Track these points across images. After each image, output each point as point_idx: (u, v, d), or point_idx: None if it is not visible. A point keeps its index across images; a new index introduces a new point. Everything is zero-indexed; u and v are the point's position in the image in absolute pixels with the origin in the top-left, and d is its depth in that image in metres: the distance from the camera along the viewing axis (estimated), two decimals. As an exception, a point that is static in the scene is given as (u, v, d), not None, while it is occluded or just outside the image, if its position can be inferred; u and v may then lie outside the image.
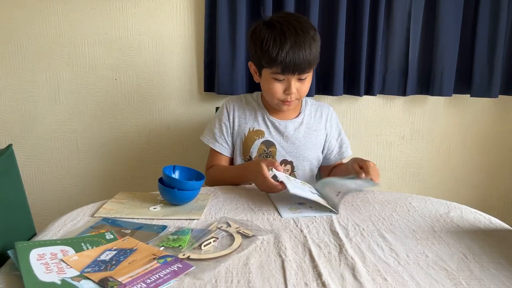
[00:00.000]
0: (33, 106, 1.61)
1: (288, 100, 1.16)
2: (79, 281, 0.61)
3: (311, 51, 1.09)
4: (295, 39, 1.08)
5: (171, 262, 0.68)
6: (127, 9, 1.55)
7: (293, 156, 1.24)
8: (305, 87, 1.17)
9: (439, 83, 1.57)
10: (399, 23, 1.55)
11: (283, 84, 1.14)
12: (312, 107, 1.30)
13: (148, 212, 0.91)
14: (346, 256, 0.72)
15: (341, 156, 1.30)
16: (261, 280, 0.64)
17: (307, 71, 1.12)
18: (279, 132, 1.24)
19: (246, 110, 1.27)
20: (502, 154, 1.74)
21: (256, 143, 1.24)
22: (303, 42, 1.08)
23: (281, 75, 1.12)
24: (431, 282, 0.64)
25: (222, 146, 1.26)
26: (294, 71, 1.10)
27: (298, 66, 1.09)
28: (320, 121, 1.28)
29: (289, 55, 1.07)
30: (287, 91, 1.14)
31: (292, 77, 1.12)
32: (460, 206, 0.98)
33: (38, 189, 1.68)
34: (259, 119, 1.26)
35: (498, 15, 1.52)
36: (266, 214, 0.91)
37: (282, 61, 1.08)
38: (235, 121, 1.26)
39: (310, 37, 1.10)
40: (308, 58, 1.09)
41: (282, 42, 1.08)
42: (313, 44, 1.10)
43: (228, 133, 1.26)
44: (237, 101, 1.29)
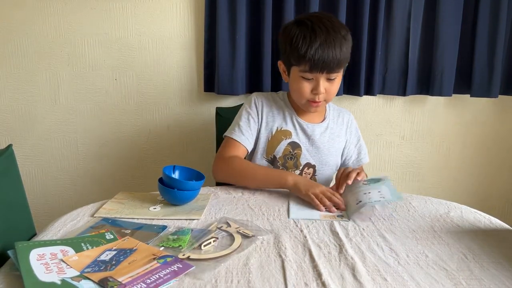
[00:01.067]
0: (33, 106, 1.61)
1: (316, 100, 1.12)
2: (79, 281, 0.61)
3: (341, 50, 1.07)
4: (325, 37, 1.06)
5: (171, 262, 0.68)
6: (127, 9, 1.55)
7: (316, 161, 1.22)
8: (334, 88, 1.13)
9: (439, 83, 1.57)
10: (399, 23, 1.55)
11: (311, 84, 1.11)
12: (334, 112, 1.28)
13: (148, 212, 0.91)
14: (346, 256, 0.72)
15: (358, 163, 1.28)
16: (261, 280, 0.64)
17: (336, 70, 1.09)
18: (306, 134, 1.21)
19: (274, 108, 1.23)
20: (502, 154, 1.74)
21: (283, 143, 1.20)
22: (333, 40, 1.06)
23: (310, 74, 1.09)
24: (431, 282, 0.64)
25: (247, 140, 1.18)
26: (323, 69, 1.08)
27: (327, 64, 1.06)
28: (342, 127, 1.26)
29: (318, 52, 1.05)
30: (315, 91, 1.11)
31: (321, 76, 1.09)
32: (460, 206, 0.98)
33: (38, 189, 1.68)
34: (287, 119, 1.22)
35: (498, 15, 1.51)
36: (266, 214, 0.91)
37: (311, 58, 1.06)
38: (263, 118, 1.21)
39: (341, 36, 1.08)
40: (338, 57, 1.07)
41: (311, 39, 1.06)
42: (343, 43, 1.08)
43: (255, 128, 1.21)
44: (265, 98, 1.25)
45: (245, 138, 1.18)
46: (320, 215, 0.92)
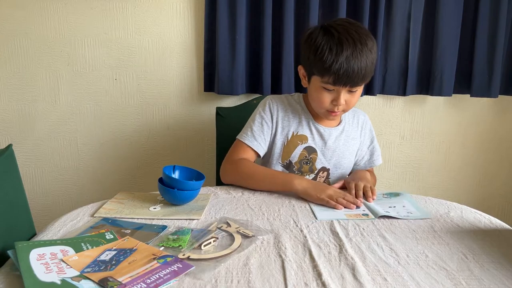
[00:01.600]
0: (33, 106, 1.61)
1: (334, 111, 1.10)
2: (79, 281, 0.61)
3: (366, 65, 1.04)
4: (352, 50, 1.02)
5: (171, 262, 0.68)
6: (127, 9, 1.55)
7: (331, 164, 1.21)
8: (355, 99, 1.11)
9: (439, 83, 1.57)
10: (399, 23, 1.55)
11: (332, 94, 1.08)
12: (350, 114, 1.25)
13: (148, 212, 0.91)
14: (346, 256, 0.72)
15: (371, 164, 1.27)
16: (261, 280, 0.64)
17: (360, 84, 1.07)
18: (322, 139, 1.19)
19: (290, 112, 1.20)
20: (501, 154, 1.74)
21: (299, 148, 1.18)
22: (360, 55, 1.02)
23: (332, 86, 1.06)
24: (431, 282, 0.64)
25: (260, 146, 1.17)
26: (346, 84, 1.04)
27: (351, 79, 1.03)
28: (357, 128, 1.25)
29: (343, 67, 1.01)
30: (335, 102, 1.08)
31: (343, 89, 1.06)
32: (460, 206, 0.98)
33: (38, 189, 1.68)
34: (304, 124, 1.19)
35: (498, 15, 1.51)
36: (266, 214, 0.91)
37: (336, 72, 1.02)
38: (279, 123, 1.19)
39: (368, 49, 1.04)
40: (363, 72, 1.03)
41: (338, 52, 1.02)
42: (369, 56, 1.04)
43: (268, 133, 1.19)
44: (280, 102, 1.22)
45: (258, 143, 1.16)
46: (346, 214, 0.91)
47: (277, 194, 1.05)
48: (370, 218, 0.89)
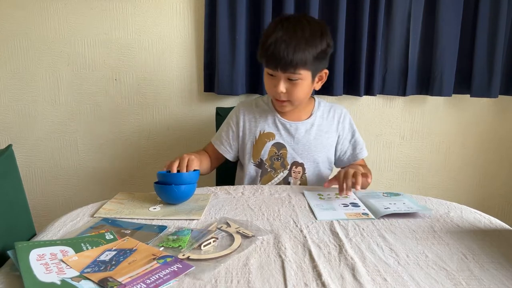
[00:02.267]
0: (33, 106, 1.61)
1: (277, 98, 1.15)
2: (79, 281, 0.61)
3: (295, 51, 1.06)
4: (284, 33, 1.07)
5: (171, 263, 0.68)
6: (126, 9, 1.55)
7: (304, 158, 1.23)
8: (297, 90, 1.13)
9: (439, 83, 1.57)
10: (399, 24, 1.55)
11: (274, 80, 1.13)
12: (325, 109, 1.28)
13: (148, 212, 0.91)
14: (346, 256, 0.72)
15: (355, 158, 1.27)
16: (261, 280, 0.64)
17: (291, 70, 1.08)
18: (289, 133, 1.23)
19: (257, 113, 1.26)
20: (502, 154, 1.74)
21: (267, 146, 1.22)
22: (290, 39, 1.06)
23: (270, 70, 1.12)
24: (431, 282, 0.64)
25: (226, 150, 1.27)
26: (276, 66, 1.08)
27: (278, 61, 1.07)
28: (332, 122, 1.26)
29: (271, 48, 1.07)
30: (276, 88, 1.12)
31: (281, 74, 1.10)
32: (460, 206, 0.98)
33: (38, 189, 1.68)
34: (270, 121, 1.24)
35: (498, 15, 1.51)
36: (266, 214, 0.91)
37: (266, 51, 1.09)
38: (246, 125, 1.26)
39: (304, 38, 1.07)
40: (290, 56, 1.05)
41: (269, 34, 1.09)
42: (302, 45, 1.06)
43: (233, 137, 1.27)
44: (248, 105, 1.29)
45: (224, 148, 1.27)
46: (346, 214, 0.92)
47: (277, 194, 1.05)
48: (370, 217, 0.89)
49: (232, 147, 1.27)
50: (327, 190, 1.08)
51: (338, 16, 1.48)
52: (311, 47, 1.08)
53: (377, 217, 0.90)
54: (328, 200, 1.00)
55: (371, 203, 0.98)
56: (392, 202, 0.97)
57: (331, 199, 1.01)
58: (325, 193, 1.05)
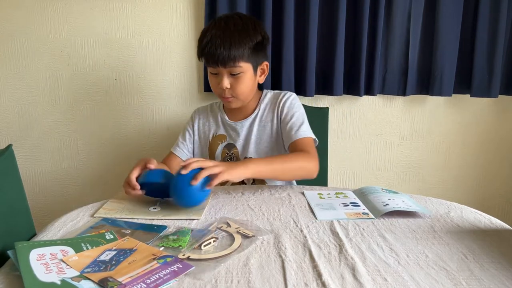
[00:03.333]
0: (33, 106, 1.61)
1: (223, 95, 1.17)
2: (79, 281, 0.61)
3: (230, 45, 1.09)
4: (217, 30, 1.11)
5: (171, 262, 0.68)
6: (126, 9, 1.55)
7: (253, 153, 1.25)
8: (240, 85, 1.14)
9: (439, 83, 1.57)
10: (399, 24, 1.55)
11: (217, 78, 1.16)
12: (270, 100, 1.27)
13: (148, 212, 0.91)
14: (346, 256, 0.72)
15: (290, 139, 1.17)
16: (261, 280, 0.64)
17: (230, 64, 1.11)
18: (236, 133, 1.26)
19: (210, 117, 1.31)
20: (502, 154, 1.74)
21: (220, 148, 1.27)
22: (223, 35, 1.10)
23: (212, 68, 1.15)
24: (431, 282, 0.64)
25: (181, 151, 1.29)
26: (216, 62, 1.11)
27: (217, 57, 1.10)
28: (274, 110, 1.24)
29: (208, 45, 1.10)
30: (220, 85, 1.15)
31: (222, 70, 1.13)
32: (460, 206, 0.98)
33: (38, 189, 1.68)
34: (220, 124, 1.29)
35: (498, 15, 1.51)
36: (266, 214, 0.91)
37: (203, 50, 1.11)
38: (200, 129, 1.31)
39: (238, 31, 1.11)
40: (226, 51, 1.09)
41: (206, 33, 1.12)
42: (236, 39, 1.10)
43: (190, 140, 1.30)
44: (203, 110, 1.33)
45: (180, 149, 1.29)
46: (346, 213, 0.92)
47: (278, 194, 1.05)
48: (370, 217, 0.89)
49: (188, 148, 1.30)
50: (327, 190, 1.08)
51: (338, 16, 1.48)
52: (245, 39, 1.12)
53: (377, 216, 0.90)
54: (328, 199, 1.00)
55: (369, 199, 0.98)
56: (391, 198, 0.97)
57: (331, 199, 1.01)
58: (325, 193, 1.05)
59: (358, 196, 1.03)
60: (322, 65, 1.56)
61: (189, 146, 1.31)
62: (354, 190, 1.08)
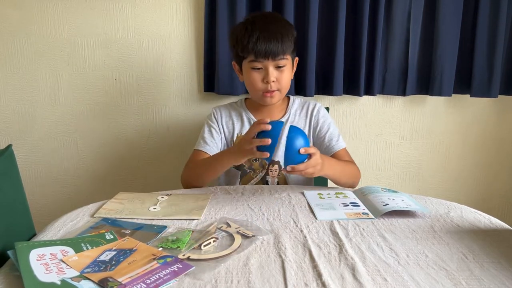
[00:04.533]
0: (33, 107, 1.61)
1: (268, 89, 1.16)
2: (79, 281, 0.61)
3: (282, 36, 1.12)
4: (264, 25, 1.13)
5: (171, 263, 0.67)
6: (126, 9, 1.55)
7: (279, 156, 1.21)
8: (285, 76, 1.17)
9: (438, 83, 1.57)
10: (399, 24, 1.55)
11: (261, 73, 1.16)
12: (299, 106, 1.30)
13: (148, 212, 0.91)
14: (346, 256, 0.72)
15: (331, 150, 1.24)
16: (261, 280, 0.64)
17: (280, 56, 1.13)
18: None
19: (233, 116, 1.29)
20: (501, 154, 1.74)
21: None
22: (273, 29, 1.13)
23: (258, 63, 1.14)
24: (431, 282, 0.64)
25: (212, 149, 1.24)
26: (267, 55, 1.12)
27: (270, 50, 1.11)
28: (306, 118, 1.28)
29: (260, 40, 1.11)
30: (266, 79, 1.15)
31: (269, 63, 1.14)
32: (460, 206, 0.98)
33: (38, 189, 1.68)
34: (246, 124, 1.27)
35: (498, 15, 1.51)
36: (266, 214, 0.91)
37: (254, 45, 1.12)
38: (224, 127, 1.28)
39: (282, 25, 1.15)
40: (279, 43, 1.12)
41: (252, 28, 1.12)
42: (284, 31, 1.14)
43: (218, 138, 1.26)
44: (223, 109, 1.31)
45: (210, 147, 1.23)
46: (346, 213, 0.92)
47: (277, 194, 1.05)
48: (370, 217, 0.90)
49: (218, 145, 1.26)
50: (327, 190, 1.08)
51: (338, 16, 1.49)
52: (290, 31, 1.16)
53: (377, 216, 0.90)
54: (328, 199, 1.00)
55: (369, 199, 0.98)
56: (390, 197, 0.97)
57: (331, 199, 1.01)
58: (325, 193, 1.05)
59: (358, 196, 1.03)
60: (322, 65, 1.56)
61: (218, 144, 1.26)
62: (354, 190, 1.08)
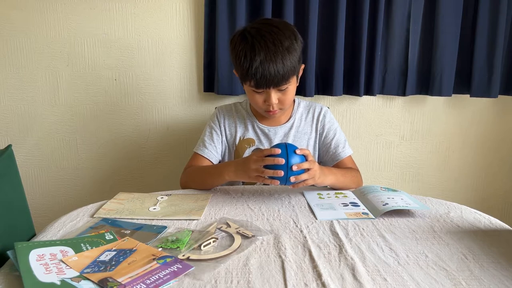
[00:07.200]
0: (33, 107, 1.61)
1: (270, 110, 1.13)
2: (78, 281, 0.61)
3: (284, 65, 1.05)
4: (265, 53, 1.03)
5: (171, 263, 0.67)
6: (126, 9, 1.55)
7: None
8: (288, 96, 1.13)
9: (438, 83, 1.57)
10: (399, 24, 1.55)
11: (262, 95, 1.12)
12: (304, 109, 1.27)
13: (148, 213, 0.91)
14: (346, 257, 0.72)
15: (337, 157, 1.23)
16: (261, 280, 0.64)
17: (282, 83, 1.08)
18: (268, 139, 1.22)
19: (236, 118, 1.26)
20: (501, 154, 1.74)
21: (247, 152, 1.22)
22: (274, 57, 1.04)
23: (260, 88, 1.09)
24: (431, 282, 0.64)
25: (211, 153, 1.22)
26: (268, 85, 1.07)
27: (271, 81, 1.06)
28: (312, 122, 1.25)
29: (259, 71, 1.04)
30: (268, 102, 1.11)
31: (270, 89, 1.09)
32: (460, 206, 0.98)
33: (37, 189, 1.68)
34: (249, 127, 1.24)
35: (498, 16, 1.51)
36: (266, 215, 0.91)
37: (253, 77, 1.05)
38: (226, 130, 1.25)
39: (284, 49, 1.05)
40: (281, 72, 1.05)
41: (252, 57, 1.04)
42: (286, 56, 1.05)
43: (219, 141, 1.24)
44: (227, 110, 1.28)
45: (208, 151, 1.22)
46: (346, 213, 0.92)
47: (277, 194, 1.05)
48: (370, 217, 0.90)
49: (218, 149, 1.24)
50: (327, 190, 1.08)
51: (338, 17, 1.49)
52: (293, 54, 1.07)
53: (377, 215, 0.90)
54: (328, 199, 1.00)
55: (369, 199, 0.98)
56: (390, 197, 0.97)
57: (331, 199, 1.01)
58: (324, 193, 1.05)
59: (357, 195, 1.03)
60: (322, 66, 1.56)
61: (218, 147, 1.24)
62: (353, 190, 1.08)
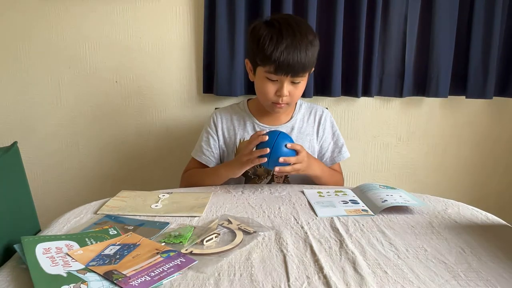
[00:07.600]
0: (35, 109, 1.62)
1: (279, 102, 1.13)
2: (84, 274, 0.62)
3: (306, 55, 1.07)
4: (291, 40, 1.06)
5: (174, 257, 0.69)
6: (127, 13, 1.56)
7: None
8: (298, 91, 1.14)
9: (435, 85, 1.59)
10: (396, 26, 1.57)
11: (275, 85, 1.12)
12: (306, 111, 1.27)
13: (150, 210, 0.92)
14: (347, 251, 0.73)
15: (334, 160, 1.26)
16: (263, 273, 0.65)
17: (300, 74, 1.10)
18: None
19: (235, 120, 1.25)
20: (497, 155, 1.76)
21: None
22: (299, 44, 1.06)
23: (274, 75, 1.09)
24: (430, 274, 0.65)
25: (208, 158, 1.23)
26: (287, 72, 1.08)
27: (292, 67, 1.07)
28: (313, 125, 1.26)
29: (284, 55, 1.05)
30: (279, 93, 1.11)
31: (285, 78, 1.09)
32: (457, 203, 1.00)
33: (39, 191, 1.68)
34: (248, 128, 1.24)
35: (493, 18, 1.54)
36: (267, 212, 0.92)
37: (276, 60, 1.06)
38: (224, 133, 1.24)
39: (308, 41, 1.08)
40: (303, 61, 1.07)
41: (278, 41, 1.06)
42: (310, 48, 1.08)
43: (215, 146, 1.24)
44: (225, 113, 1.27)
45: (206, 157, 1.23)
46: (346, 210, 0.93)
47: (277, 192, 1.06)
48: (369, 214, 0.91)
49: (214, 154, 1.24)
50: (327, 188, 1.10)
51: (335, 18, 1.51)
52: (314, 49, 1.10)
53: (376, 212, 0.91)
54: (328, 197, 1.02)
55: (368, 196, 1.00)
56: (389, 194, 0.99)
57: (331, 197, 1.02)
58: (324, 191, 1.06)
59: (357, 193, 1.04)
60: (320, 67, 1.58)
61: (215, 152, 1.24)
62: (353, 188, 1.09)
